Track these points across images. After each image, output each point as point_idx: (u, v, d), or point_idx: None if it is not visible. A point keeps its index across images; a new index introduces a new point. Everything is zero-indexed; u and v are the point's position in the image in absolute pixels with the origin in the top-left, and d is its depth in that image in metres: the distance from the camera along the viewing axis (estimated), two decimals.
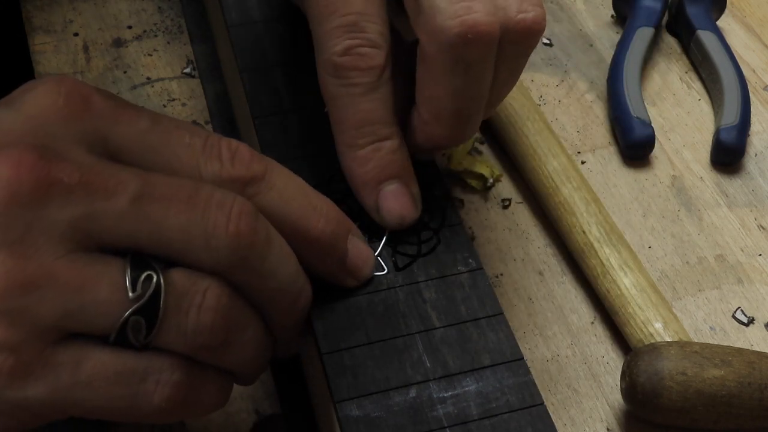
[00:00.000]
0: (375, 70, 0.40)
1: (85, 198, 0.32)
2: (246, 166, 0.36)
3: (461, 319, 0.38)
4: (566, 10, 0.64)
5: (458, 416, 0.35)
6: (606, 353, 0.46)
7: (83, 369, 0.32)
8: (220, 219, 0.33)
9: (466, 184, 0.52)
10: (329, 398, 0.36)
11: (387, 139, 0.41)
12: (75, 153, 0.33)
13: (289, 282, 0.36)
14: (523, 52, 0.40)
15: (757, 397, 0.41)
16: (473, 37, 0.37)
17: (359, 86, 0.40)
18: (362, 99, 0.40)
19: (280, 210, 0.36)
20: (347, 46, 0.39)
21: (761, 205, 0.53)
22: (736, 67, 0.58)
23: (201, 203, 0.33)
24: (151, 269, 0.33)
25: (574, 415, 0.44)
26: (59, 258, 0.32)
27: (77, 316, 0.32)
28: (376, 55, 0.40)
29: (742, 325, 0.48)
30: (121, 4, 0.61)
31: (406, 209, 0.41)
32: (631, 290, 0.46)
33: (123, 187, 0.33)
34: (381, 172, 0.41)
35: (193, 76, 0.57)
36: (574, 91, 0.59)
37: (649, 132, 0.54)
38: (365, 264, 0.39)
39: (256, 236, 0.34)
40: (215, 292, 0.34)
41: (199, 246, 0.33)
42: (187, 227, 0.33)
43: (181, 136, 0.35)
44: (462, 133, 0.41)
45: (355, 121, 0.40)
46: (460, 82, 0.38)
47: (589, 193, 0.50)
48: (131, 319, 0.32)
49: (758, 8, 0.65)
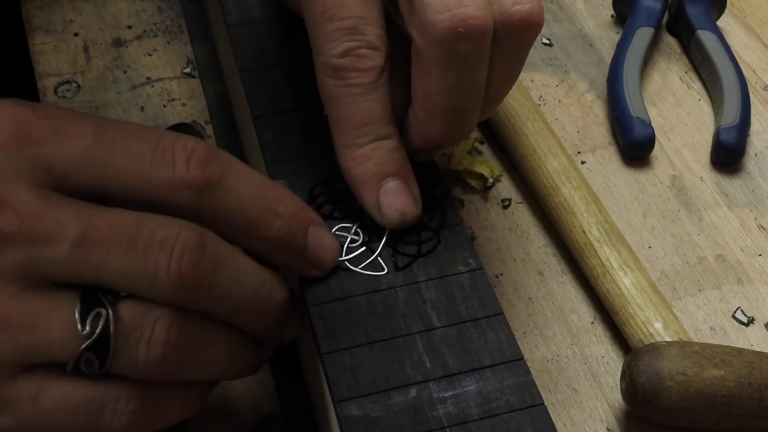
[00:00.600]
0: (374, 71, 0.40)
1: (26, 245, 0.32)
2: (202, 168, 0.35)
3: (461, 319, 0.38)
4: (566, 10, 0.64)
5: (458, 416, 0.35)
6: (606, 353, 0.46)
7: (43, 401, 0.33)
8: (161, 260, 0.33)
9: (466, 184, 0.52)
10: (329, 398, 0.36)
11: (387, 138, 0.41)
12: (16, 192, 0.33)
13: (251, 294, 0.36)
14: (521, 47, 0.39)
15: (757, 397, 0.41)
16: (464, 30, 0.37)
17: (359, 87, 0.40)
18: (362, 99, 0.40)
19: (236, 213, 0.36)
20: (347, 48, 0.39)
21: (761, 205, 0.53)
22: (736, 67, 0.58)
23: (142, 244, 0.33)
24: (100, 305, 0.33)
25: (574, 415, 0.44)
26: (11, 298, 0.32)
27: (31, 353, 0.33)
28: (376, 57, 0.40)
29: (742, 325, 0.48)
30: (121, 4, 0.61)
31: (407, 206, 0.41)
32: (631, 290, 0.46)
33: (62, 232, 0.32)
34: (381, 170, 0.41)
35: (193, 76, 0.57)
36: (574, 91, 0.59)
37: (649, 132, 0.54)
38: (328, 255, 0.39)
39: (201, 271, 0.34)
40: (164, 325, 0.33)
41: (143, 287, 0.33)
42: (128, 271, 0.33)
43: (126, 145, 0.34)
44: (458, 131, 0.41)
45: (355, 121, 0.40)
46: (453, 77, 0.38)
47: (589, 193, 0.50)
48: (83, 355, 0.33)
49: (758, 8, 0.65)
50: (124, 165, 0.34)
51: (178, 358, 0.34)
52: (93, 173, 0.34)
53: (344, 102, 0.40)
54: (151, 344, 0.33)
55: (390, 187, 0.41)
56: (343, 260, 0.40)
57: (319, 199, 0.42)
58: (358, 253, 0.40)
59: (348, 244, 0.41)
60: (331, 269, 0.39)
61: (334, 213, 0.42)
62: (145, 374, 0.34)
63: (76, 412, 0.33)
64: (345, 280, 0.40)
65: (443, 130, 0.41)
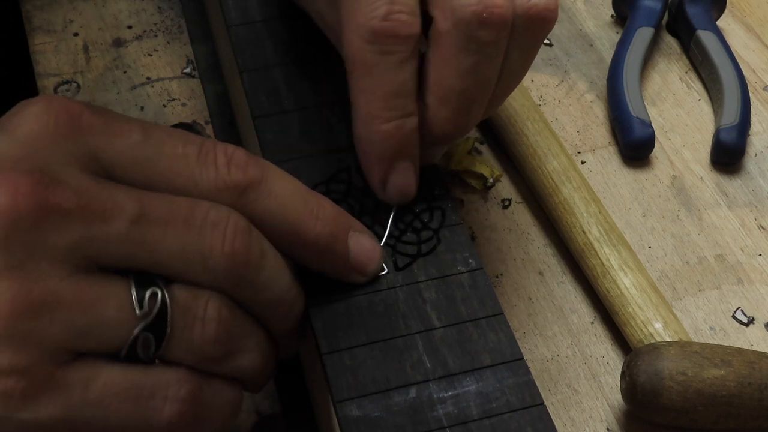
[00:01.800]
0: (412, 39, 0.39)
1: (83, 222, 0.32)
2: (242, 171, 0.36)
3: (461, 319, 0.38)
4: (566, 10, 0.64)
5: (458, 416, 0.35)
6: (606, 353, 0.46)
7: (93, 387, 0.33)
8: (216, 239, 0.34)
9: (466, 184, 0.52)
10: (329, 398, 0.36)
11: (411, 115, 0.40)
12: (71, 175, 0.33)
13: (284, 291, 0.37)
14: (534, 41, 0.40)
15: (757, 397, 0.41)
16: (488, 17, 0.37)
17: (396, 54, 0.39)
18: (397, 69, 0.39)
19: (277, 216, 0.36)
20: (388, 11, 0.38)
21: (761, 205, 0.53)
22: (736, 67, 0.58)
23: (197, 224, 0.34)
24: (155, 286, 0.33)
25: (574, 415, 0.44)
26: (63, 280, 0.32)
27: (86, 335, 0.32)
28: (414, 23, 0.39)
29: (742, 325, 0.48)
30: (121, 4, 0.61)
31: (411, 188, 0.41)
32: (631, 290, 0.46)
33: (120, 209, 0.33)
34: (400, 150, 0.40)
35: (193, 76, 0.57)
36: (574, 91, 0.59)
37: (649, 132, 0.54)
38: (370, 260, 0.39)
39: (251, 253, 0.35)
40: (215, 305, 0.34)
41: (197, 266, 0.34)
42: (184, 249, 0.34)
43: (174, 146, 0.35)
44: (464, 121, 0.41)
45: (388, 90, 0.39)
46: (470, 62, 0.39)
47: (589, 193, 0.50)
48: (141, 335, 0.33)
49: (758, 8, 0.65)
50: (172, 165, 0.35)
51: (228, 338, 0.35)
52: (139, 169, 0.35)
53: (379, 70, 0.39)
54: (205, 322, 0.34)
55: (402, 167, 0.41)
56: None
57: None
58: None
59: None
60: (376, 274, 0.40)
61: None
62: (199, 355, 0.34)
63: (126, 399, 0.33)
64: None
65: (451, 116, 0.40)
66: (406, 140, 0.40)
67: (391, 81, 0.39)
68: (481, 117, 0.42)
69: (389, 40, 0.39)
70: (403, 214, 0.42)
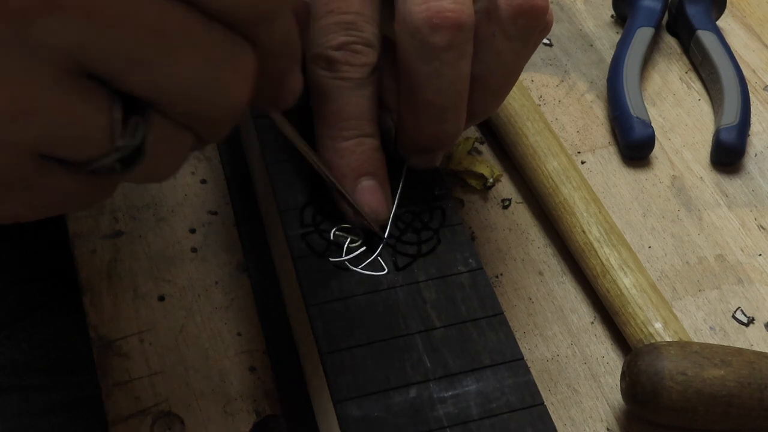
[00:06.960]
0: (367, 68, 0.40)
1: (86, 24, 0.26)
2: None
3: (461, 319, 0.38)
4: (566, 10, 0.64)
5: (458, 416, 0.35)
6: (606, 353, 0.46)
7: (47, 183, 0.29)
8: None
9: (466, 184, 0.52)
10: (329, 398, 0.36)
11: (370, 136, 0.41)
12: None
13: None
14: (524, 34, 0.40)
15: (757, 397, 0.41)
16: (439, 22, 0.37)
17: (350, 81, 0.40)
18: (351, 93, 0.40)
19: None
20: (343, 41, 0.40)
21: (761, 205, 0.53)
22: (736, 67, 0.58)
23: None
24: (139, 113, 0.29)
25: (574, 415, 0.44)
26: (48, 87, 0.27)
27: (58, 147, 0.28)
28: (369, 54, 0.40)
29: (742, 325, 0.48)
30: None
31: (380, 206, 0.41)
32: (631, 290, 0.46)
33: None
34: (361, 166, 0.41)
35: None
36: (574, 91, 0.59)
37: (649, 132, 0.54)
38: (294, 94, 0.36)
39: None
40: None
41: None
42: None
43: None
44: (439, 130, 0.41)
45: (343, 114, 0.40)
46: (428, 69, 0.39)
47: (589, 193, 0.50)
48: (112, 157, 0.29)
49: (758, 8, 0.65)
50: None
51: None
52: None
53: (333, 94, 0.40)
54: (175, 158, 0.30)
55: (367, 185, 0.41)
56: (343, 260, 0.40)
57: (319, 199, 0.42)
58: (358, 253, 0.40)
59: (348, 244, 0.41)
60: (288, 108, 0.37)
61: (335, 212, 0.42)
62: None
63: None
64: (345, 280, 0.39)
65: (424, 125, 0.41)
66: (366, 157, 0.41)
67: (346, 105, 0.40)
68: (461, 122, 0.41)
69: (344, 68, 0.40)
70: (403, 214, 0.42)
